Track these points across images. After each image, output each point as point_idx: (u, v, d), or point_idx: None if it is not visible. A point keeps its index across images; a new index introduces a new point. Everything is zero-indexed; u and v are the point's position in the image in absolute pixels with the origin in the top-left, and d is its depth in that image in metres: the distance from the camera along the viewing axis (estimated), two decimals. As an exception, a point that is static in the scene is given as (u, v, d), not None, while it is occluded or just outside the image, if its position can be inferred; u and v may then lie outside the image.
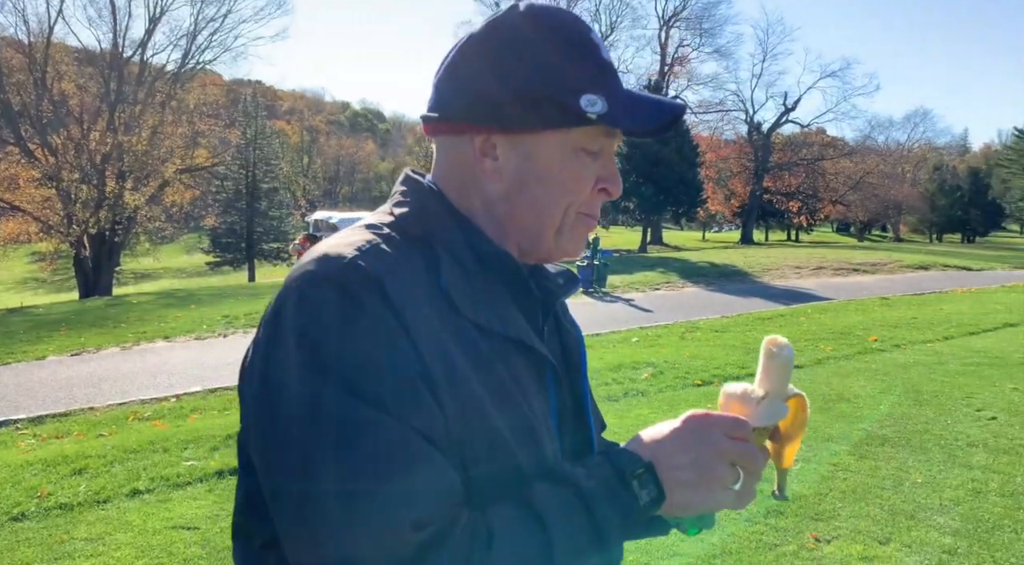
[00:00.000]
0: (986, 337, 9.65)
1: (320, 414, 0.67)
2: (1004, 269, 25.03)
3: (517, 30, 0.79)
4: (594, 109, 0.76)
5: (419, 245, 0.78)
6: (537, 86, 0.77)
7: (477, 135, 0.80)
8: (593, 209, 0.84)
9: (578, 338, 0.94)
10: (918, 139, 64.02)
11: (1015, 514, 3.87)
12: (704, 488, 0.75)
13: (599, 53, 0.80)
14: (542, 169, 0.79)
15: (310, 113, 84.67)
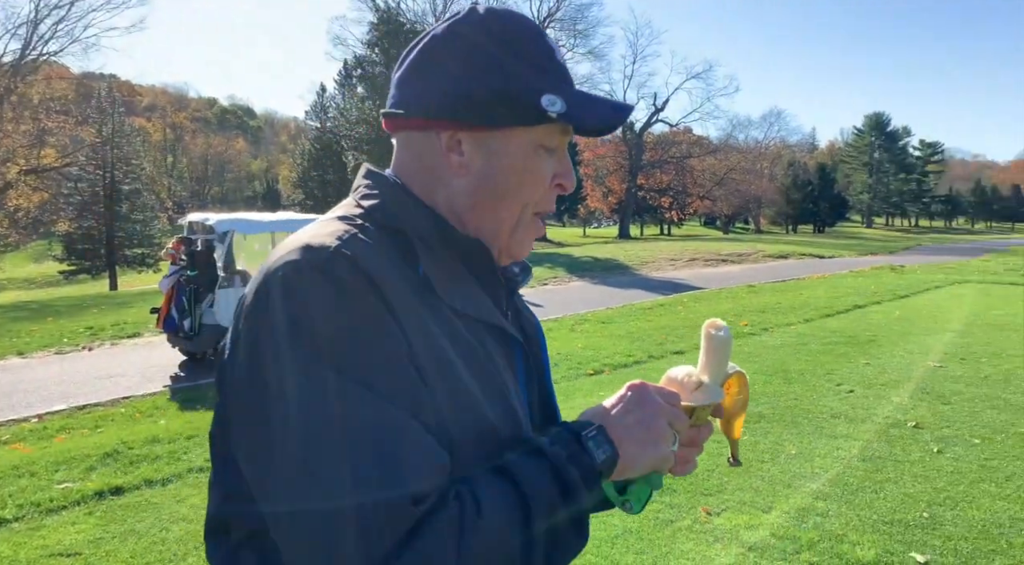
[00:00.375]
0: (840, 318, 10.59)
1: (318, 400, 0.68)
2: (851, 256, 27.51)
3: (479, 31, 0.82)
4: (554, 108, 0.79)
5: (393, 234, 0.79)
6: (501, 85, 0.80)
7: (444, 131, 0.82)
8: (549, 206, 0.88)
9: (535, 324, 0.98)
10: (773, 137, 69.13)
11: (874, 476, 4.30)
12: (650, 443, 0.80)
13: (554, 55, 0.84)
14: (505, 165, 0.82)
15: (173, 110, 79.45)
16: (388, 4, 34.20)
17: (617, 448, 0.78)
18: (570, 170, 0.88)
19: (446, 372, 0.74)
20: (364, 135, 30.85)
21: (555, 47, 0.85)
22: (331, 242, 0.74)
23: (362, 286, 0.71)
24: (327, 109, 46.11)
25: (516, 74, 0.80)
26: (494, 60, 0.81)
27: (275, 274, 0.73)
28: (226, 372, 0.76)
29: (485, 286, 0.86)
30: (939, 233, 66.29)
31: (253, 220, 9.77)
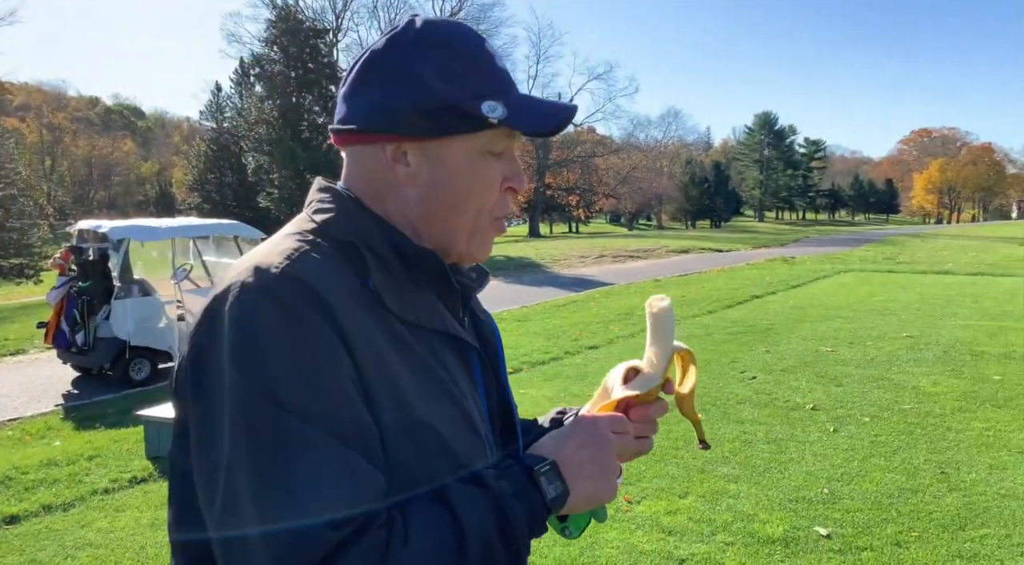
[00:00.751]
0: (739, 309, 11.16)
1: (250, 425, 0.69)
2: (747, 249, 28.96)
3: (416, 43, 0.83)
4: (495, 114, 0.81)
5: (345, 248, 0.80)
6: (441, 95, 0.81)
7: (388, 144, 0.83)
8: (504, 209, 0.89)
9: (493, 327, 1.00)
10: (671, 136, 71.78)
11: (779, 457, 4.58)
12: (602, 479, 0.84)
13: (494, 61, 0.86)
14: (452, 172, 0.83)
15: (50, 109, 74.01)
16: (286, 1, 33.19)
17: (568, 486, 0.81)
18: (519, 172, 0.89)
19: (395, 385, 0.75)
20: (264, 136, 29.83)
21: (495, 53, 0.87)
22: (280, 262, 0.74)
23: (308, 309, 0.72)
24: (223, 109, 44.18)
25: (455, 83, 0.82)
26: (432, 70, 0.82)
27: (224, 296, 0.73)
28: (178, 392, 0.77)
29: (440, 295, 0.87)
30: (824, 225, 70.76)
31: (150, 227, 9.28)
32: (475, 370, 0.90)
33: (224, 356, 0.71)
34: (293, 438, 0.69)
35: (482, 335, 0.97)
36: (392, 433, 0.74)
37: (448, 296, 0.88)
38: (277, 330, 0.71)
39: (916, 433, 4.95)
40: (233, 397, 0.70)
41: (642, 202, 60.05)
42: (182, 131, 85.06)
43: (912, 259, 20.87)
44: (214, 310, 0.73)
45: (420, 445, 0.76)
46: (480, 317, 0.99)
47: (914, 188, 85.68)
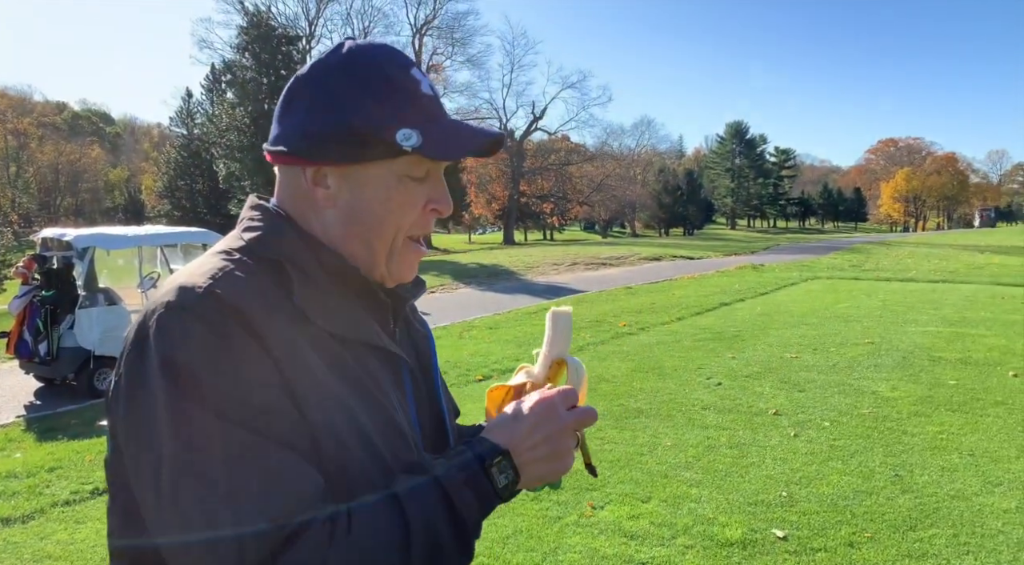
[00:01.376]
0: (708, 316, 11.32)
1: (184, 438, 0.73)
2: (717, 257, 29.31)
3: (338, 70, 0.86)
4: (409, 142, 0.83)
5: (270, 266, 0.83)
6: (357, 123, 0.84)
7: (309, 167, 0.87)
8: (424, 229, 0.92)
9: (427, 336, 1.03)
10: (644, 145, 72.57)
11: (740, 461, 4.68)
12: (557, 459, 0.85)
13: (418, 88, 0.88)
14: (370, 197, 0.86)
15: (15, 115, 72.51)
16: (258, 7, 33.01)
17: (520, 472, 0.84)
18: (444, 195, 0.91)
19: (323, 396, 0.78)
20: (236, 142, 29.56)
21: (422, 78, 0.89)
22: (203, 282, 0.78)
23: (229, 324, 0.75)
24: (194, 115, 43.77)
25: (372, 111, 0.84)
26: (350, 99, 0.85)
27: (151, 315, 0.77)
28: (111, 411, 0.81)
29: (368, 308, 0.90)
30: (794, 233, 71.91)
31: (116, 235, 9.16)
32: (405, 381, 0.92)
33: (153, 371, 0.74)
34: (231, 442, 0.72)
35: (416, 345, 1.00)
36: (322, 435, 0.78)
37: (376, 308, 0.91)
38: (200, 343, 0.74)
39: (873, 437, 5.08)
40: (165, 408, 0.73)
41: (616, 210, 60.59)
42: (152, 137, 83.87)
43: (877, 266, 21.32)
44: (142, 330, 0.77)
45: (349, 447, 0.79)
46: (416, 326, 1.02)
47: (881, 197, 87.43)
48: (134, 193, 64.02)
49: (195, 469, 0.72)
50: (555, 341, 0.97)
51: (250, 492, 0.72)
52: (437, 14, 46.21)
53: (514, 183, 49.60)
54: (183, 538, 0.72)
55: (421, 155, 0.85)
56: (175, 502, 0.72)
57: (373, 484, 0.80)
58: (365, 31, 43.67)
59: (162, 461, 0.73)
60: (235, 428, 0.73)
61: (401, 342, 0.96)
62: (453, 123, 0.89)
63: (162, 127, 73.85)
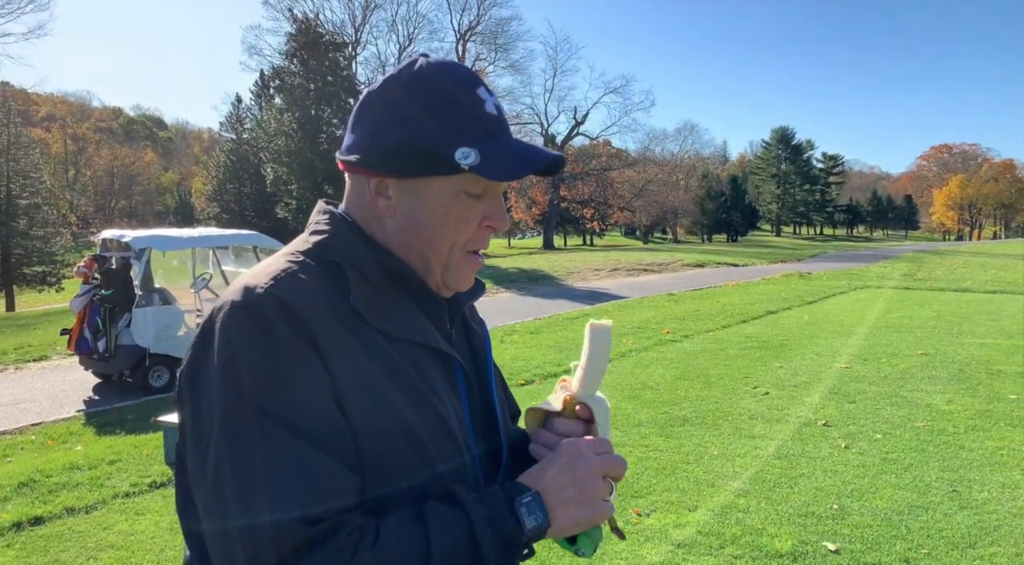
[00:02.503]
0: (754, 324, 11.14)
1: (232, 433, 0.78)
2: (763, 264, 28.84)
3: (407, 88, 0.90)
4: (467, 161, 0.87)
5: (332, 268, 0.88)
6: (419, 140, 0.88)
7: (372, 177, 0.91)
8: (480, 244, 0.94)
9: (484, 337, 1.05)
10: (688, 150, 71.65)
11: (789, 472, 4.60)
12: (587, 503, 0.85)
13: (482, 108, 0.90)
14: (429, 210, 0.90)
15: (74, 120, 75.35)
16: (306, 14, 33.71)
17: (549, 515, 0.83)
18: (500, 212, 0.94)
19: (370, 393, 0.82)
20: (283, 147, 30.17)
21: (487, 98, 0.92)
22: (264, 282, 0.83)
23: (282, 323, 0.80)
24: (243, 120, 44.81)
25: (432, 129, 0.88)
26: (414, 116, 0.89)
27: (218, 312, 0.83)
28: (177, 395, 0.87)
29: (424, 309, 0.93)
30: (842, 241, 70.33)
31: (172, 236, 9.45)
32: (459, 380, 0.95)
33: (212, 365, 0.80)
34: (271, 440, 0.77)
35: (472, 345, 1.03)
36: (367, 432, 0.81)
37: (433, 309, 0.94)
38: (255, 342, 0.80)
39: (928, 451, 4.95)
40: (218, 402, 0.79)
41: (657, 215, 59.97)
42: (202, 142, 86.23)
43: (930, 276, 20.70)
44: (209, 324, 0.84)
45: (394, 443, 0.83)
46: (473, 328, 1.05)
47: (934, 204, 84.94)
48: (184, 196, 65.89)
49: (235, 464, 0.77)
50: (592, 356, 0.95)
51: (284, 486, 0.76)
52: (481, 20, 46.59)
53: (554, 188, 49.54)
54: (219, 525, 0.78)
55: (479, 175, 0.87)
56: (216, 491, 0.78)
57: (416, 480, 0.83)
58: (410, 38, 44.23)
59: (208, 453, 0.79)
60: (277, 424, 0.78)
61: (457, 342, 0.99)
62: (513, 143, 0.91)
63: (212, 132, 75.91)
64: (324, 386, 0.80)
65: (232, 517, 0.76)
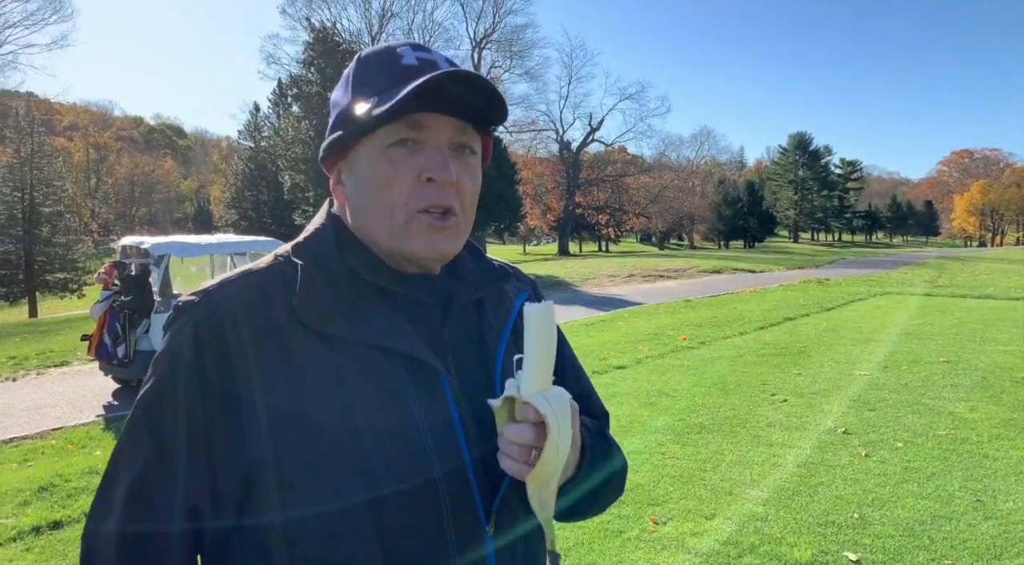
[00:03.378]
0: (772, 331, 11.04)
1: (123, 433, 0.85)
2: (780, 270, 28.60)
3: (343, 76, 0.94)
4: (365, 108, 0.85)
5: (292, 268, 0.87)
6: (338, 111, 0.91)
7: (330, 171, 0.94)
8: (426, 199, 0.85)
9: (500, 332, 0.96)
10: (704, 156, 71.58)
11: (808, 481, 4.53)
12: None
13: (398, 62, 0.88)
14: (361, 176, 0.88)
15: (96, 129, 76.48)
16: (323, 23, 34.01)
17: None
18: (440, 162, 0.85)
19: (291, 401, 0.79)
20: (300, 155, 30.41)
21: (405, 54, 0.89)
22: (210, 285, 0.87)
23: (205, 327, 0.82)
24: (261, 128, 45.24)
25: (345, 97, 0.90)
26: (340, 94, 0.92)
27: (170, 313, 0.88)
28: None
29: (404, 309, 0.88)
30: (861, 247, 69.59)
31: (190, 243, 9.54)
32: (445, 387, 0.85)
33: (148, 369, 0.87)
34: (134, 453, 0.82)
35: (483, 339, 0.94)
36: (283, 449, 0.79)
37: (416, 311, 0.89)
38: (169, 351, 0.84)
39: (951, 459, 4.86)
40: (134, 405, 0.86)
41: (673, 221, 59.79)
42: (221, 150, 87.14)
43: (951, 282, 20.41)
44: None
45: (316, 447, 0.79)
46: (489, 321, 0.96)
47: (955, 210, 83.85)
48: (203, 203, 66.63)
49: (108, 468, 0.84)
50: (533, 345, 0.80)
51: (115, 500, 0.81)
52: (496, 28, 46.79)
53: (569, 194, 49.54)
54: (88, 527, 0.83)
55: (378, 111, 0.82)
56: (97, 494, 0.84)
57: (344, 485, 0.78)
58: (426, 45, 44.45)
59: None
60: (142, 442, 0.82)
61: (459, 344, 0.91)
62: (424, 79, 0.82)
63: (231, 140, 76.75)
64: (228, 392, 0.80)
65: (90, 521, 0.82)
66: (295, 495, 0.78)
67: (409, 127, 0.85)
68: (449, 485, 0.82)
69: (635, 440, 5.40)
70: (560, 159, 51.33)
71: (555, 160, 51.92)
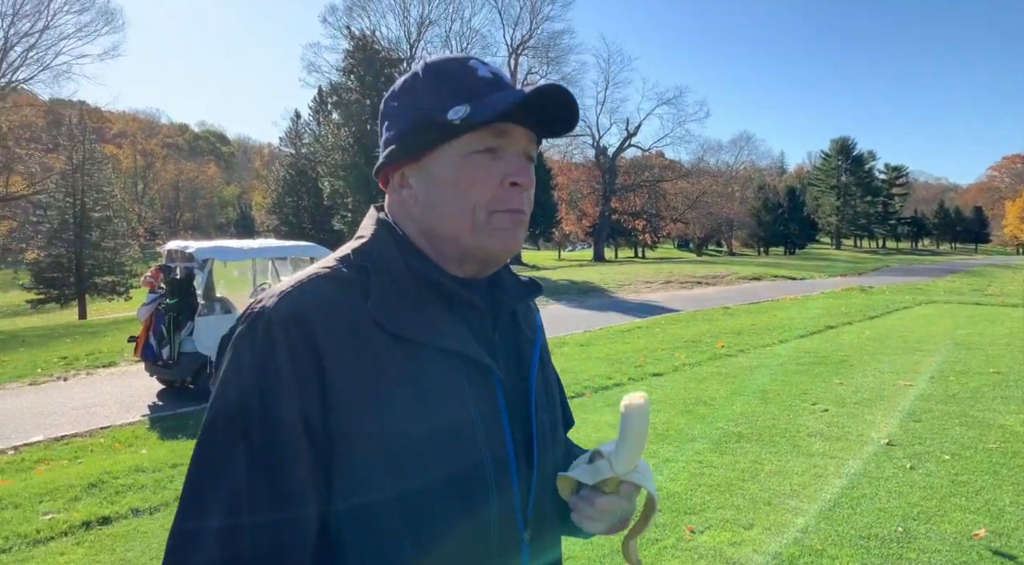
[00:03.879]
0: (813, 339, 10.83)
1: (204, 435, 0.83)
2: (821, 277, 28.06)
3: (407, 84, 0.96)
4: (458, 116, 0.88)
5: (361, 272, 0.89)
6: (418, 117, 0.92)
7: (394, 173, 0.96)
8: (508, 203, 0.92)
9: (534, 342, 1.02)
10: (743, 161, 70.50)
11: (850, 492, 4.43)
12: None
13: (474, 74, 0.93)
14: (440, 180, 0.91)
15: (144, 136, 78.83)
16: (363, 31, 34.51)
17: None
18: (522, 168, 0.92)
19: (375, 402, 0.82)
20: (340, 161, 30.89)
21: (479, 67, 0.94)
22: (287, 288, 0.86)
23: (289, 335, 0.82)
24: (302, 135, 46.05)
25: (428, 103, 0.91)
26: (412, 101, 0.94)
27: (242, 314, 0.87)
28: None
29: (461, 313, 0.92)
30: (906, 254, 67.83)
31: (232, 248, 9.76)
32: (497, 391, 0.92)
33: (221, 370, 0.85)
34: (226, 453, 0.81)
35: (519, 348, 1.00)
36: (366, 445, 0.82)
37: (468, 311, 0.94)
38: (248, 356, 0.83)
39: (1002, 474, 4.70)
40: (210, 406, 0.84)
41: (712, 227, 59.05)
42: (263, 156, 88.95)
43: (1002, 291, 19.78)
44: (233, 328, 0.87)
45: (398, 457, 0.83)
46: (524, 331, 1.03)
47: (1006, 216, 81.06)
48: (245, 209, 68.03)
49: (193, 469, 0.82)
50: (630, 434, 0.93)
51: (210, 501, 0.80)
52: (533, 34, 46.95)
53: (605, 200, 49.32)
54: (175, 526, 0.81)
55: (474, 120, 0.87)
56: (182, 498, 0.82)
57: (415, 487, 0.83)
58: (463, 52, 44.85)
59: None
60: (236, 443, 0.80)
61: (500, 349, 0.96)
62: (511, 91, 0.91)
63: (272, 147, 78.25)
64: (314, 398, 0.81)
65: (178, 521, 0.81)
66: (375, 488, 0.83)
67: (494, 136, 0.90)
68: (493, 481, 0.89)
69: (671, 448, 5.34)
70: (596, 164, 51.15)
71: (591, 165, 51.74)
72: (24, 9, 28.20)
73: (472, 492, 0.87)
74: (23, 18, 28.03)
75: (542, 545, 0.96)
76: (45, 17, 28.67)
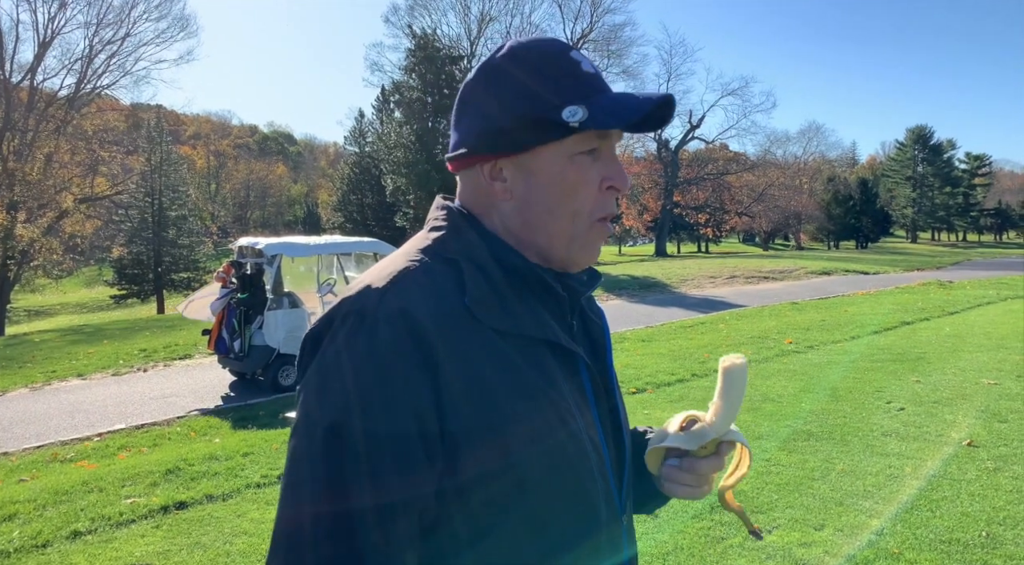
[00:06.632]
0: (888, 335, 10.40)
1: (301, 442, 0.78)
2: (896, 272, 26.92)
3: (501, 67, 0.90)
4: (575, 118, 0.84)
5: (450, 265, 0.86)
6: (524, 110, 0.87)
7: (485, 163, 0.90)
8: (606, 209, 0.92)
9: (602, 327, 1.03)
10: (812, 152, 68.27)
11: (929, 494, 4.23)
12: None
13: (579, 68, 0.89)
14: (544, 180, 0.88)
15: (216, 137, 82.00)
16: (424, 30, 34.91)
17: None
18: (618, 171, 0.91)
19: (486, 397, 0.80)
20: (402, 159, 31.36)
21: (581, 60, 0.91)
22: (381, 284, 0.82)
23: (394, 330, 0.78)
24: (365, 134, 47.00)
25: (536, 96, 0.87)
26: (515, 89, 0.88)
27: (334, 313, 0.82)
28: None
29: (544, 303, 0.90)
30: (989, 247, 64.39)
31: (300, 244, 10.04)
32: (583, 377, 0.92)
33: (318, 363, 0.81)
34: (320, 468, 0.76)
35: (592, 336, 1.00)
36: (482, 439, 0.79)
37: (553, 302, 0.92)
38: (360, 350, 0.78)
39: (1097, 478, 4.41)
40: (305, 407, 0.80)
41: (778, 221, 57.36)
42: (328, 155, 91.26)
43: (1096, 285, 18.56)
44: (324, 323, 0.83)
45: (512, 448, 0.81)
46: (591, 317, 1.02)
47: (1099, 206, 76.18)
48: (312, 207, 69.93)
49: (292, 478, 0.78)
50: (729, 396, 0.97)
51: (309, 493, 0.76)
52: (594, 27, 46.47)
53: (667, 194, 48.56)
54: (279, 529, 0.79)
55: (591, 127, 0.85)
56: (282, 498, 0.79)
57: (534, 478, 0.81)
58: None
59: (291, 445, 0.80)
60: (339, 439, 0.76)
61: (578, 336, 0.96)
62: (619, 95, 0.89)
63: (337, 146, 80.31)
64: (426, 398, 0.78)
65: (280, 506, 0.79)
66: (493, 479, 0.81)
67: (599, 137, 0.89)
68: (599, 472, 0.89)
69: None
70: (657, 158, 50.40)
71: (652, 159, 51.00)
72: (107, 18, 29.65)
73: (580, 477, 0.86)
74: (106, 27, 29.46)
75: (633, 528, 0.97)
76: (126, 25, 30.09)
